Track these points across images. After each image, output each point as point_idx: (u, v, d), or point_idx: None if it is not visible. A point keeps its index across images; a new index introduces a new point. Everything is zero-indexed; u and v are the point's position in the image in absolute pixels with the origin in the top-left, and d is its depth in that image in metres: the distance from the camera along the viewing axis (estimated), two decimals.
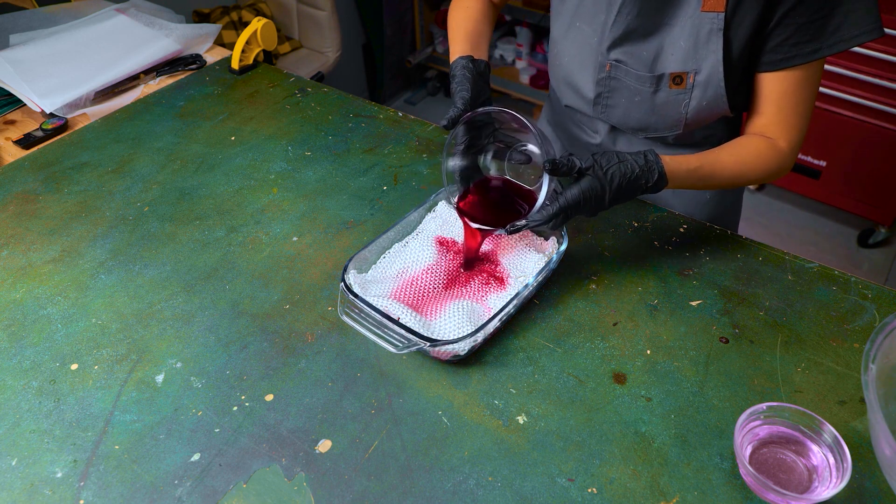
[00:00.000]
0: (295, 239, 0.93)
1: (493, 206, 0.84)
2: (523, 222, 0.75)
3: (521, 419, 0.70)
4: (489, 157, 0.86)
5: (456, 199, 0.84)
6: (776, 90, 0.82)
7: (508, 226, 0.77)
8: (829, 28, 0.76)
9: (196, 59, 1.36)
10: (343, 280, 0.76)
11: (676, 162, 0.78)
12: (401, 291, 0.81)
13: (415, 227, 0.90)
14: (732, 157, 0.83)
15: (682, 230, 0.93)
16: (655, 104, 0.89)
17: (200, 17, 2.26)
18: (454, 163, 0.82)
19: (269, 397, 0.72)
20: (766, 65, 0.81)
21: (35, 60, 1.29)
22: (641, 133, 0.96)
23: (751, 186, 2.51)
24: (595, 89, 0.94)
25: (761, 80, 0.83)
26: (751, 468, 0.61)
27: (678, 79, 0.85)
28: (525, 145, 0.83)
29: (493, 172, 0.86)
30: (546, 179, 0.74)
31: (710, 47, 0.81)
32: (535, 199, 0.75)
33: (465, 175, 0.84)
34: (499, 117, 0.82)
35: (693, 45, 0.82)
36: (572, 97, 0.99)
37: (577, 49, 0.93)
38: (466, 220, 0.81)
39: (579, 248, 0.90)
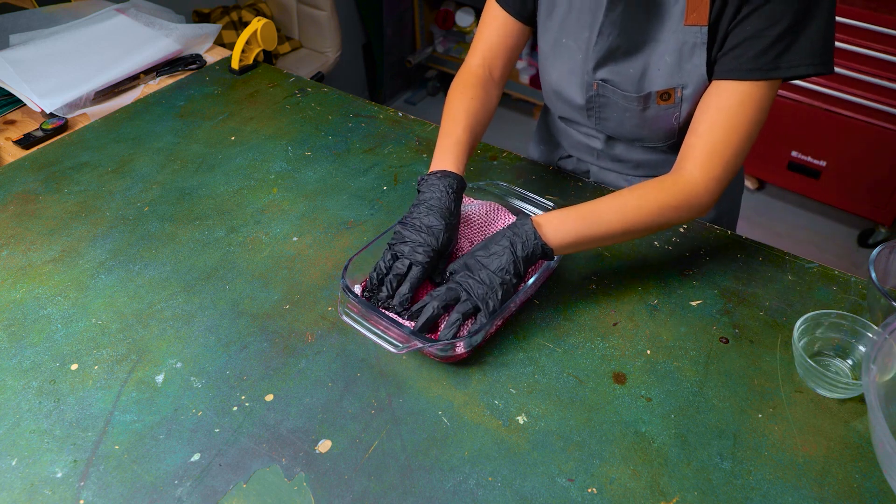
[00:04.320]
0: (295, 239, 0.93)
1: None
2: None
3: (521, 419, 0.70)
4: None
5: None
6: (713, 104, 0.77)
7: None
8: (775, 51, 0.73)
9: (196, 59, 1.36)
10: (343, 280, 0.76)
11: (556, 231, 0.75)
12: None
13: None
14: (615, 209, 0.77)
15: (682, 230, 0.93)
16: (646, 119, 0.89)
17: (200, 17, 2.26)
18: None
19: (269, 397, 0.72)
20: (712, 74, 0.79)
21: (35, 60, 1.29)
22: (637, 143, 0.96)
23: (749, 186, 2.51)
24: (586, 104, 0.93)
25: (707, 90, 0.80)
26: None
27: (665, 95, 0.84)
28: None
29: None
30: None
31: (693, 61, 0.80)
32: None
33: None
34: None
35: (677, 61, 0.81)
36: (565, 109, 0.99)
37: (565, 64, 0.92)
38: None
39: None
